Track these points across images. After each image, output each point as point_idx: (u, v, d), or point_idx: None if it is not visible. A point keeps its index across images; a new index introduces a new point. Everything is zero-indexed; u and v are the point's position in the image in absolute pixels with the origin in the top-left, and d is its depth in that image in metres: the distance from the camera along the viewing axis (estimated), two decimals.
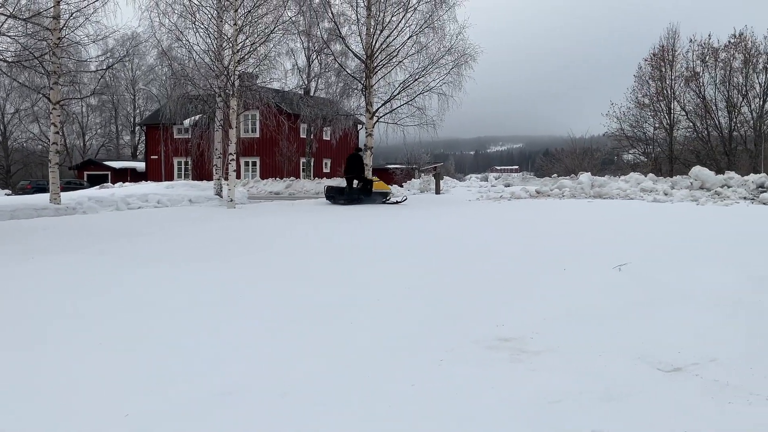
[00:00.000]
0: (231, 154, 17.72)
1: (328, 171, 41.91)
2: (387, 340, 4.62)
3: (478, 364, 4.09)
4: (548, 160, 58.13)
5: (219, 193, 20.47)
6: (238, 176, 34.46)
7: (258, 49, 18.42)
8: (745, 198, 17.67)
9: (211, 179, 22.67)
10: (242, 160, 38.85)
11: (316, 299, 6.03)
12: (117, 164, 49.40)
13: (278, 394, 3.59)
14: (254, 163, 40.04)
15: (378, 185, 18.81)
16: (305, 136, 35.85)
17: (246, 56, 18.31)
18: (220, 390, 3.66)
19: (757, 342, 4.55)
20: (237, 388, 3.70)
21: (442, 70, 22.48)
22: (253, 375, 3.92)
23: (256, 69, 19.81)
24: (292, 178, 34.00)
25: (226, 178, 18.64)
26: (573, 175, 28.48)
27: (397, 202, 18.46)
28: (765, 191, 17.92)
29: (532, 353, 4.31)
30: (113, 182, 37.38)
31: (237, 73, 17.84)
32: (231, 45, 17.75)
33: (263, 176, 37.68)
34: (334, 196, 18.69)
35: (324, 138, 36.76)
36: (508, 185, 29.77)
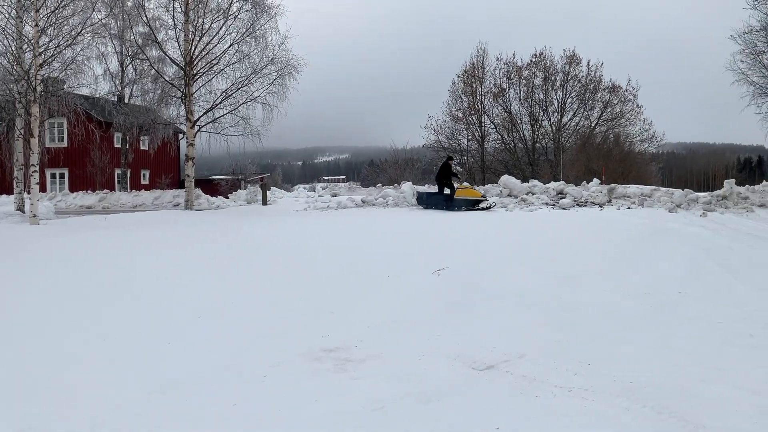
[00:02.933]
0: (33, 165, 16.18)
1: (147, 182, 39.74)
2: (209, 361, 4.44)
3: (303, 377, 4.05)
4: (373, 170, 59.61)
5: (21, 208, 18.64)
6: (43, 189, 31.64)
7: (63, 52, 17.02)
8: (547, 204, 19.34)
9: (12, 193, 20.61)
10: (48, 172, 35.77)
11: (132, 319, 5.65)
12: None
13: (88, 427, 3.31)
14: (62, 175, 36.99)
15: (465, 192, 18.60)
16: (120, 146, 33.75)
17: (50, 59, 16.85)
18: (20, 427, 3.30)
19: (560, 336, 4.95)
20: (41, 422, 3.36)
21: (265, 80, 22.23)
22: (60, 409, 3.57)
23: (62, 73, 18.30)
24: (105, 190, 31.76)
25: (29, 192, 17.00)
26: (396, 184, 29.44)
27: (487, 208, 18.16)
28: (564, 197, 19.76)
29: (357, 361, 4.35)
30: None
31: (39, 77, 16.36)
32: (32, 47, 16.24)
33: (73, 189, 34.86)
34: (420, 201, 19.17)
35: (141, 148, 34.86)
36: (335, 195, 30.07)
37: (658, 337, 4.93)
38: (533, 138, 40.95)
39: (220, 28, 21.60)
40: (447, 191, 18.83)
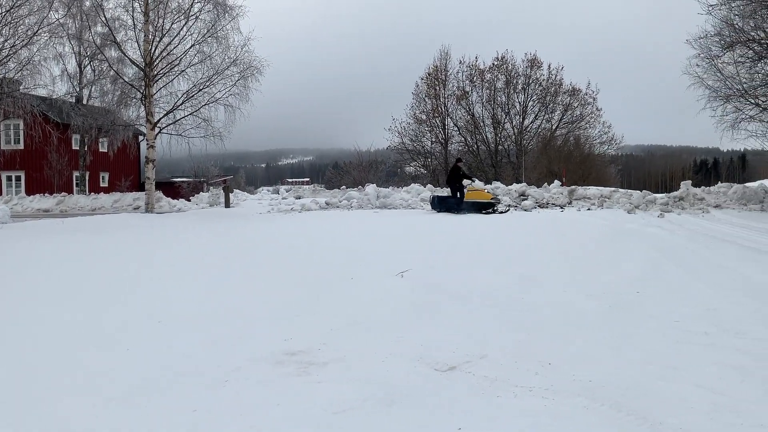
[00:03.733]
0: None
1: (106, 185, 39.00)
2: (169, 366, 4.36)
3: (265, 381, 4.01)
4: (337, 172, 59.59)
5: None
6: None
7: (19, 52, 16.66)
8: (509, 205, 19.56)
9: None
10: (3, 175, 34.92)
11: (87, 325, 5.53)
12: None
13: None
14: (18, 178, 36.10)
15: (474, 195, 18.32)
16: (78, 148, 33.07)
17: (5, 60, 16.47)
18: None
19: (521, 337, 5.00)
20: None
21: (227, 81, 22.02)
22: (8, 422, 3.48)
23: (18, 74, 17.88)
24: (63, 193, 31.06)
25: None
26: (360, 186, 29.44)
27: (499, 211, 17.76)
28: (525, 199, 20.02)
29: (319, 365, 4.33)
30: None
31: None
32: None
33: (29, 192, 34.04)
34: (434, 206, 19.05)
35: (100, 150, 34.21)
36: (299, 197, 29.93)
37: (617, 336, 5.02)
38: (496, 140, 41.41)
39: (181, 29, 21.36)
40: (459, 194, 18.77)
